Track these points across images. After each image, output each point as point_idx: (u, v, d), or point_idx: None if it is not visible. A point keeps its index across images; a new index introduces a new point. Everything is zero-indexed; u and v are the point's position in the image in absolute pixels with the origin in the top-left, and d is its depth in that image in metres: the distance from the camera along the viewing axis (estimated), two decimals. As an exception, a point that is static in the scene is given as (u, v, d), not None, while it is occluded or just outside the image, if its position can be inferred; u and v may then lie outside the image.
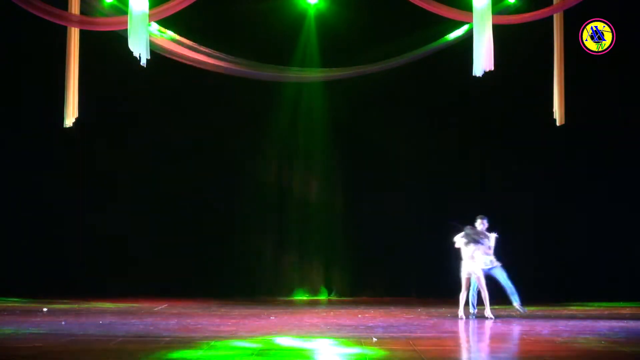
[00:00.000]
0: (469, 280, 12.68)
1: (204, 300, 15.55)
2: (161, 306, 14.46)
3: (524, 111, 16.42)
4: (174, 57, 14.82)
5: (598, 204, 16.66)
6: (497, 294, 13.12)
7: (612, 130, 16.43)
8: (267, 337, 10.17)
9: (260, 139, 17.39)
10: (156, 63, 13.46)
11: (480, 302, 12.75)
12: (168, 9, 12.99)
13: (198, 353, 8.84)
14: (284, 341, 9.92)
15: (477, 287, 12.68)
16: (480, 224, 12.97)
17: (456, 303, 12.69)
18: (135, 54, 12.61)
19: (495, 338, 10.79)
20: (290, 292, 17.22)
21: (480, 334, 11.18)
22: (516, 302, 12.87)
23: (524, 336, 10.70)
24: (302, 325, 11.67)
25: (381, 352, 8.99)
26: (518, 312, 12.84)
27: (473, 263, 12.59)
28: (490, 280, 12.80)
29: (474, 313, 12.68)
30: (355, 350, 9.18)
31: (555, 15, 13.96)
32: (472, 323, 12.14)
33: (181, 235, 16.98)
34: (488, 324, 12.05)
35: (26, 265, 16.64)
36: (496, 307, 13.53)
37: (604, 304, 15.26)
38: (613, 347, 9.50)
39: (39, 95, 16.16)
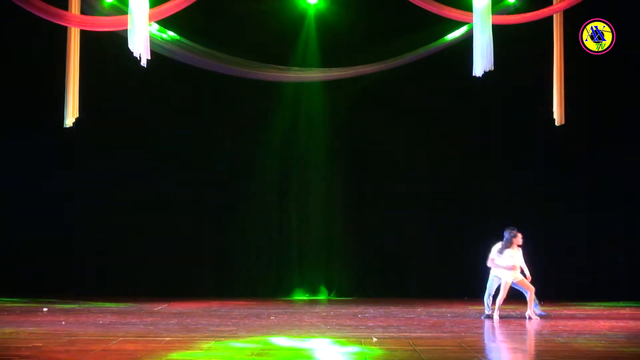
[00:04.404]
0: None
1: (204, 300, 15.55)
2: (161, 306, 14.46)
3: (524, 111, 16.41)
4: (174, 57, 14.83)
5: (598, 204, 16.66)
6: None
7: (611, 130, 16.43)
8: (267, 337, 10.18)
9: (260, 138, 17.37)
10: (156, 63, 13.45)
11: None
12: (168, 9, 12.98)
13: (198, 353, 8.84)
14: (284, 341, 9.92)
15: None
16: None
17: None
18: (136, 54, 12.58)
19: (495, 338, 10.79)
20: (290, 292, 17.21)
21: (480, 333, 11.18)
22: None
23: (524, 336, 10.70)
24: (302, 325, 11.67)
25: (381, 352, 9.00)
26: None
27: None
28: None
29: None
30: (355, 350, 9.18)
31: (555, 15, 13.97)
32: (472, 323, 12.14)
33: (181, 235, 16.98)
34: (488, 323, 12.06)
35: (26, 265, 16.63)
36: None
37: (604, 304, 15.27)
38: (613, 347, 9.51)
39: (39, 95, 16.14)
